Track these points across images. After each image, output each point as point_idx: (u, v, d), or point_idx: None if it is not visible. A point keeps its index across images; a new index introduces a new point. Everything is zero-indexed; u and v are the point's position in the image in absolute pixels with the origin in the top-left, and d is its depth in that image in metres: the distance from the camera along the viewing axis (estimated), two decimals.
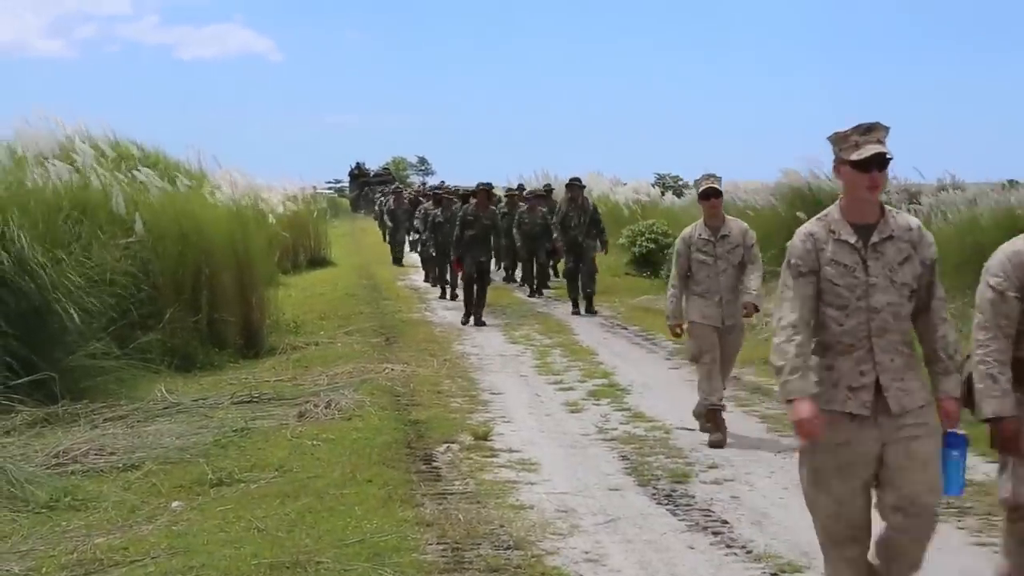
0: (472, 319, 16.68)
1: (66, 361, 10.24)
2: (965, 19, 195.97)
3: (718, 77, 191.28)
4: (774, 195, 22.65)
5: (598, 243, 18.39)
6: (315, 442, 8.62)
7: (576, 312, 17.63)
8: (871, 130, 4.42)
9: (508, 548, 6.10)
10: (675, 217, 26.20)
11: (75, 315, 10.52)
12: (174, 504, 7.06)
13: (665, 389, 11.12)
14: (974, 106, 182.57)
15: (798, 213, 19.69)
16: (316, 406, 9.81)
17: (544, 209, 20.60)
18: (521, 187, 26.17)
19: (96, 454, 8.27)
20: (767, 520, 6.65)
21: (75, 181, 12.81)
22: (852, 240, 4.47)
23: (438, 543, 6.17)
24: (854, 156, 4.40)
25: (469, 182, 21.65)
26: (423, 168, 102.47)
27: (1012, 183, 22.47)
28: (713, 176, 8.93)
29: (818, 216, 4.66)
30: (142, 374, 11.11)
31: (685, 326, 9.12)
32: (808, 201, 20.40)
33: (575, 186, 18.75)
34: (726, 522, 6.62)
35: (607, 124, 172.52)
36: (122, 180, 13.56)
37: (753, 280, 8.90)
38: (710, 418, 8.80)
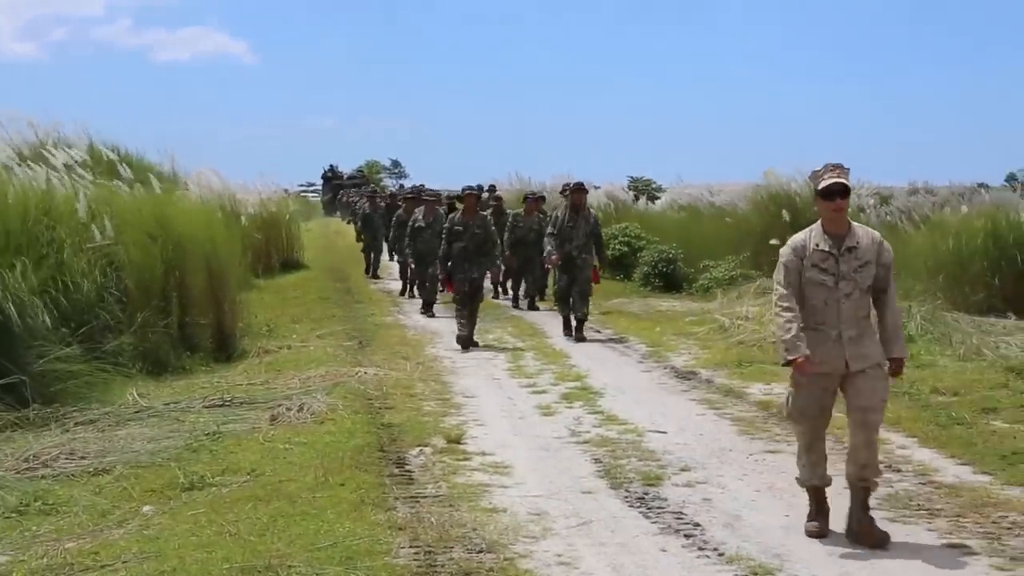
0: (465, 341, 14.43)
1: (37, 365, 10.16)
2: (941, 26, 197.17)
3: (693, 81, 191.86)
4: (750, 199, 22.74)
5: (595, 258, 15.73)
6: (287, 446, 8.60)
7: (568, 334, 15.35)
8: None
9: (481, 551, 6.10)
10: (649, 221, 26.31)
11: (46, 319, 10.46)
12: (145, 508, 7.02)
13: (638, 392, 11.13)
14: (948, 110, 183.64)
15: (784, 211, 19.88)
16: (288, 410, 9.78)
17: (541, 215, 18.97)
18: (492, 187, 25.67)
19: (67, 458, 8.22)
20: (739, 522, 6.67)
21: (42, 184, 12.72)
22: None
23: (410, 547, 6.16)
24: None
25: (447, 185, 20.81)
26: (396, 171, 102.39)
27: (982, 186, 22.70)
28: (838, 167, 6.43)
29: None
30: (113, 378, 11.04)
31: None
32: (783, 203, 20.52)
33: (579, 190, 16.03)
34: (698, 524, 6.63)
35: (581, 128, 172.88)
36: (91, 183, 13.49)
37: (897, 318, 6.54)
38: (811, 500, 6.61)
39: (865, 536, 6.19)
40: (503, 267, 20.11)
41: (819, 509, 6.53)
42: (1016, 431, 8.83)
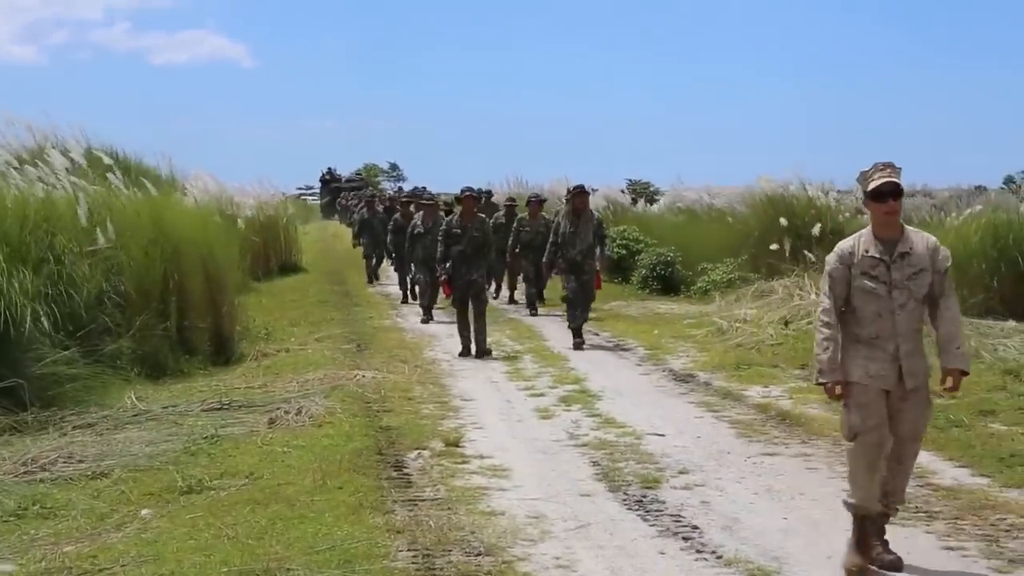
0: (474, 349, 14.04)
1: (35, 369, 10.17)
2: (937, 29, 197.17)
3: (691, 83, 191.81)
4: (748, 202, 22.69)
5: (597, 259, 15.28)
6: (285, 449, 8.60)
7: (580, 344, 14.64)
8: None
9: (479, 554, 6.10)
10: (647, 224, 26.30)
11: (44, 323, 10.46)
12: (144, 512, 7.02)
13: (636, 395, 11.14)
14: (946, 113, 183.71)
15: (781, 219, 19.86)
16: (287, 413, 9.78)
17: (545, 217, 18.57)
18: (489, 192, 25.53)
19: (65, 462, 8.21)
20: (737, 525, 6.67)
21: (42, 189, 12.71)
22: None
23: (409, 550, 6.16)
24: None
25: (445, 189, 20.58)
26: (395, 174, 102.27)
27: (980, 189, 22.73)
28: (889, 165, 5.95)
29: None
30: (112, 381, 11.04)
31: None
32: (780, 207, 20.49)
33: (580, 194, 15.51)
34: (696, 527, 6.63)
35: (580, 130, 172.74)
36: (90, 187, 13.49)
37: (953, 327, 5.96)
38: (856, 529, 5.97)
39: (878, 560, 5.86)
40: (500, 271, 20.19)
41: (865, 540, 5.88)
42: (1014, 433, 8.84)
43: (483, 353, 13.90)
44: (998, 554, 6.06)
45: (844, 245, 6.03)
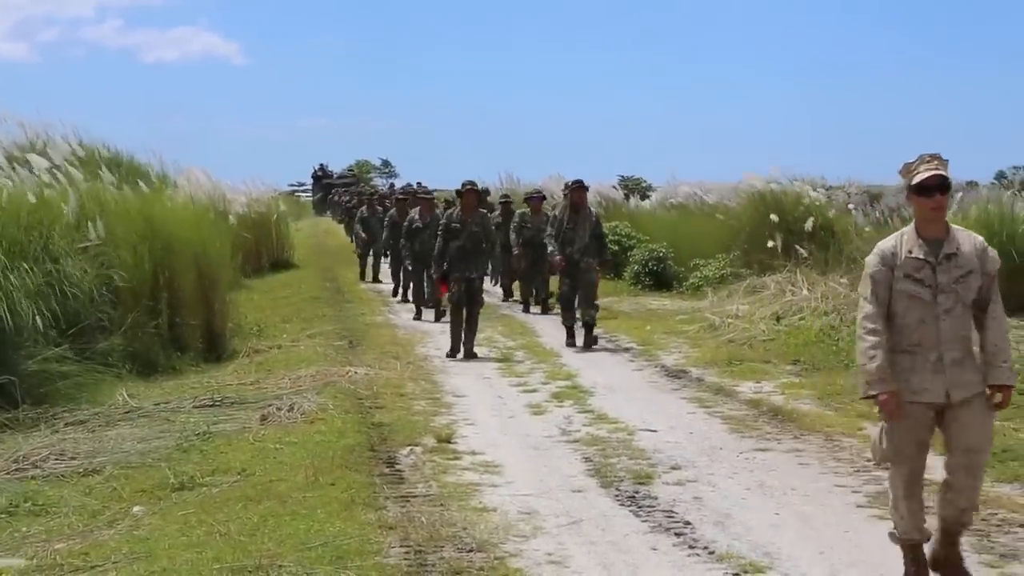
0: (463, 351, 13.60)
1: (26, 366, 10.16)
2: (928, 27, 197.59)
3: (689, 82, 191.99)
4: (740, 198, 22.69)
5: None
6: (278, 446, 8.59)
7: (572, 344, 14.35)
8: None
9: (471, 550, 6.10)
10: (639, 220, 26.27)
11: (38, 321, 10.45)
12: (135, 509, 7.02)
13: (628, 391, 11.14)
14: (937, 109, 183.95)
15: (772, 216, 19.88)
16: (279, 409, 9.78)
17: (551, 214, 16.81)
18: (484, 190, 25.44)
19: (57, 459, 8.21)
20: (729, 520, 6.67)
21: (33, 186, 12.69)
22: None
23: (401, 546, 6.16)
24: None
25: (438, 186, 20.11)
26: (387, 171, 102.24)
27: (971, 184, 22.72)
28: (936, 157, 5.45)
29: None
30: (103, 378, 11.03)
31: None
32: (771, 203, 20.51)
33: (578, 189, 15.05)
34: (689, 523, 6.63)
35: (572, 127, 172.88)
36: (82, 184, 13.47)
37: (1001, 338, 5.47)
38: (907, 559, 5.59)
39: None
40: (502, 269, 19.88)
41: (917, 570, 5.51)
42: (1005, 428, 8.84)
43: (469, 355, 13.50)
44: (989, 549, 6.07)
45: (885, 245, 5.52)
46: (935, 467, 5.79)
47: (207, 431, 9.12)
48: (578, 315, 14.45)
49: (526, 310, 18.82)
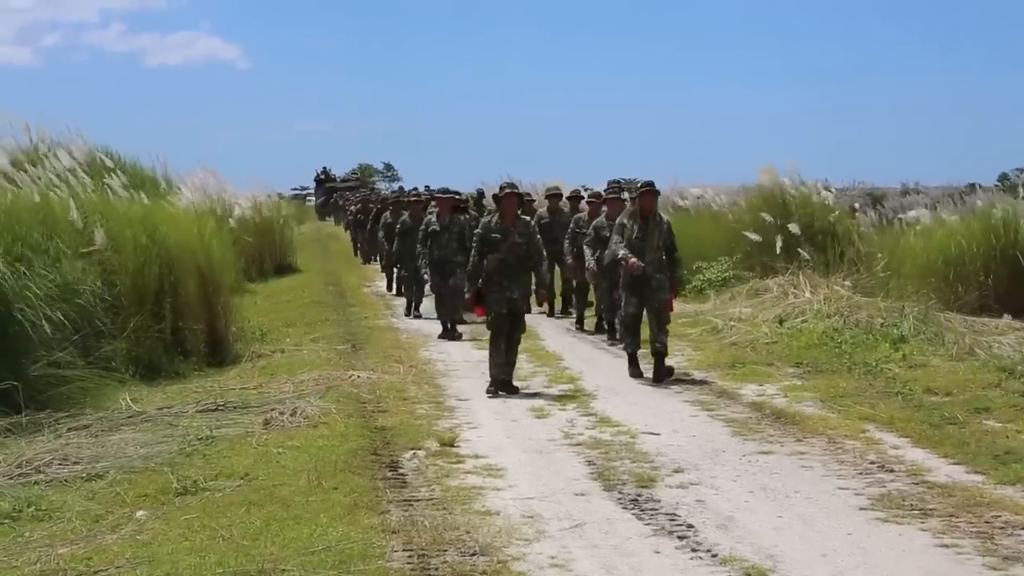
0: (501, 385, 11.31)
1: (30, 371, 10.16)
2: (930, 26, 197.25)
3: (688, 82, 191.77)
4: (743, 201, 22.64)
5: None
6: (281, 450, 8.59)
7: (636, 374, 12.22)
8: None
9: (474, 554, 6.10)
10: None
11: (44, 325, 10.45)
12: (139, 513, 7.02)
13: (631, 394, 11.14)
14: (939, 111, 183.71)
15: (762, 214, 19.87)
16: (282, 414, 9.77)
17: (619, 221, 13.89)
18: (480, 192, 25.29)
19: (60, 464, 8.20)
20: (732, 523, 6.67)
21: (37, 192, 12.70)
22: None
23: (404, 550, 6.16)
24: None
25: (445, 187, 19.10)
26: (389, 174, 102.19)
27: (972, 187, 22.74)
28: None
29: None
30: (106, 383, 11.02)
31: None
32: (775, 206, 20.49)
33: (647, 193, 12.24)
34: (691, 526, 6.63)
35: (573, 129, 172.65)
36: (86, 189, 13.48)
37: None
38: None
39: None
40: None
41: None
42: (1009, 430, 8.85)
43: (508, 387, 11.35)
44: (993, 551, 6.06)
45: None
46: None
47: (210, 435, 9.11)
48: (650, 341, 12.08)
49: (579, 326, 16.89)
